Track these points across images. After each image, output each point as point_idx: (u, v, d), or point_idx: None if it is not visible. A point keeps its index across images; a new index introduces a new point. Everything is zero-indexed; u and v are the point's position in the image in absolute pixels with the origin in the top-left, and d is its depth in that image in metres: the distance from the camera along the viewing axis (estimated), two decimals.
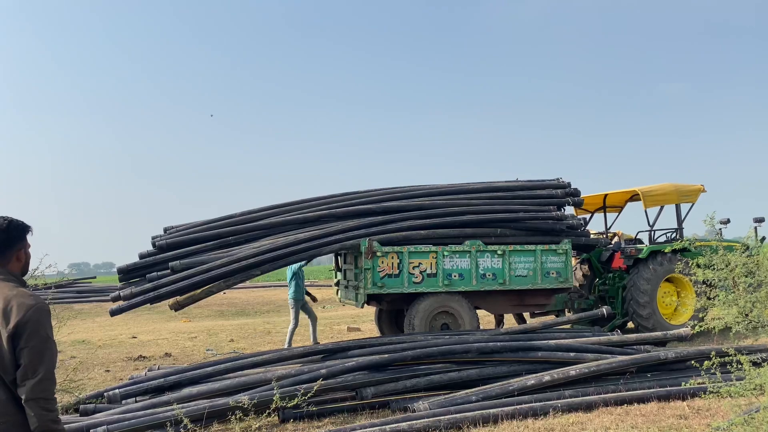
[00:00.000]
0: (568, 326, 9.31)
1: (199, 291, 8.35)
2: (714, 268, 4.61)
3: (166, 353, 10.89)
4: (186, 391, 6.45)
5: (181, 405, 5.74)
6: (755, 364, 4.29)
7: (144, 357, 10.48)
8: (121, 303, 8.36)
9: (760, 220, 10.33)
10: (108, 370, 9.36)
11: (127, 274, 8.70)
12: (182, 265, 8.30)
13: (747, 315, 4.35)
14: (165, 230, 9.38)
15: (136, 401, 6.46)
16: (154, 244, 8.90)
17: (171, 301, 8.52)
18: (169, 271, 8.30)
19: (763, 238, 10.33)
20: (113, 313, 8.47)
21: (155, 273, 8.43)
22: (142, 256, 8.80)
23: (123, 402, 6.48)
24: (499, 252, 9.18)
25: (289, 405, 5.81)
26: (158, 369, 7.56)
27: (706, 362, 4.57)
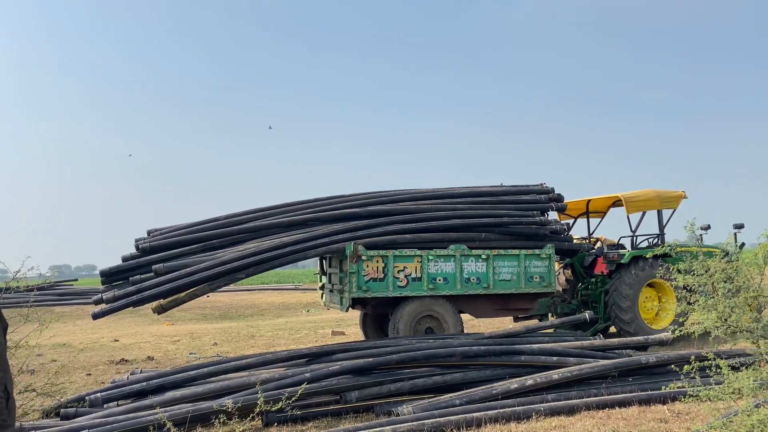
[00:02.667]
0: (551, 330, 9.37)
1: (182, 294, 8.31)
2: (694, 274, 4.68)
3: (149, 357, 10.81)
4: (169, 394, 6.41)
5: (164, 409, 5.71)
6: (734, 368, 4.37)
7: (126, 360, 10.40)
8: (103, 306, 8.30)
9: (739, 227, 10.48)
10: (89, 374, 9.28)
11: (110, 276, 8.64)
12: (166, 268, 8.26)
13: (726, 320, 4.42)
14: (148, 233, 9.33)
15: (118, 405, 6.42)
16: (137, 247, 8.84)
17: (154, 304, 8.47)
18: (152, 274, 8.26)
19: (743, 245, 10.48)
20: (95, 316, 8.41)
21: (138, 276, 8.38)
22: (125, 259, 8.74)
23: (105, 406, 6.43)
24: (483, 256, 9.23)
25: (273, 409, 5.80)
26: (141, 372, 7.51)
27: (686, 366, 4.64)
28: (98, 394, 6.54)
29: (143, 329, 16.18)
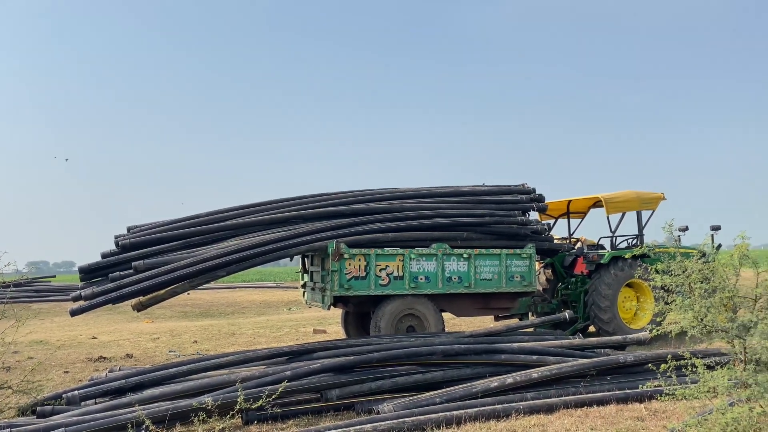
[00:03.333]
0: (531, 329, 9.45)
1: (162, 291, 8.26)
2: (671, 274, 4.75)
3: (128, 354, 10.71)
4: (148, 392, 6.36)
5: (142, 406, 5.66)
6: (709, 367, 4.44)
7: (105, 358, 10.29)
8: (82, 303, 8.21)
9: (716, 228, 10.64)
10: (67, 371, 9.17)
11: (89, 273, 8.56)
12: (146, 265, 8.19)
13: (702, 320, 4.49)
14: (128, 229, 9.24)
15: (96, 403, 6.35)
16: (117, 244, 8.76)
17: (134, 301, 8.40)
18: (132, 270, 8.18)
19: (719, 246, 10.64)
20: (74, 313, 8.31)
21: (118, 273, 8.31)
22: (104, 256, 8.65)
23: (82, 404, 6.37)
24: (465, 255, 9.28)
25: (253, 407, 5.77)
26: (119, 370, 7.44)
27: (663, 365, 4.71)
28: (75, 392, 6.47)
29: (122, 327, 16.02)
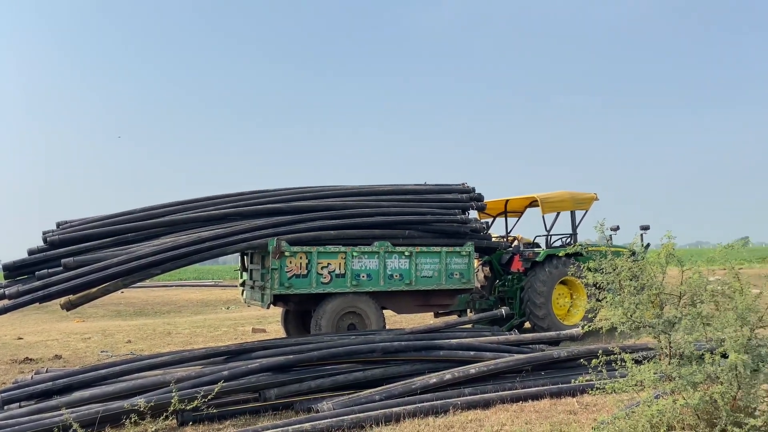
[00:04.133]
0: (469, 326, 9.60)
1: (94, 290, 7.95)
2: (603, 272, 4.92)
3: (56, 355, 10.28)
4: (77, 394, 6.11)
5: (71, 409, 5.45)
6: (637, 362, 4.62)
7: (31, 359, 9.84)
8: (6, 302, 7.82)
9: (645, 228, 11.08)
10: None
11: (14, 270, 8.15)
12: (76, 263, 7.88)
13: (631, 316, 4.67)
14: (58, 225, 8.86)
15: (20, 406, 6.07)
16: (45, 240, 8.39)
17: (63, 300, 8.06)
18: (61, 268, 7.85)
19: (648, 245, 11.10)
20: None
21: (46, 270, 7.95)
22: (31, 252, 8.26)
23: (5, 408, 6.07)
24: (406, 253, 9.34)
25: (188, 408, 5.64)
26: (46, 372, 7.11)
27: (594, 360, 4.87)
28: None
29: (50, 326, 15.35)
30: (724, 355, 4.18)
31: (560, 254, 11.01)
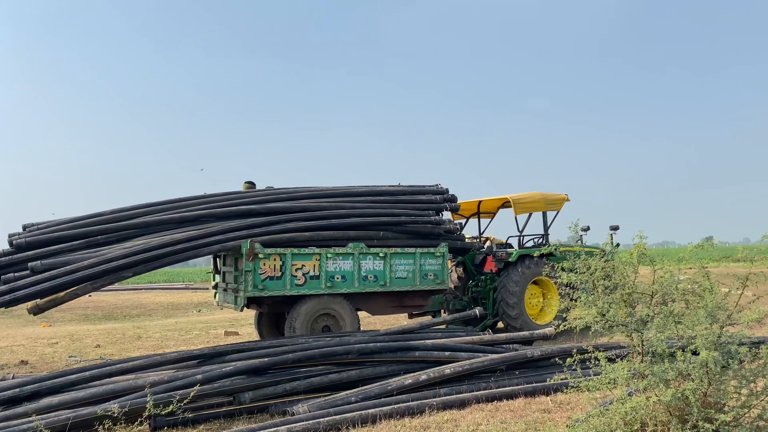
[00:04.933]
0: (443, 326, 9.64)
1: (62, 294, 7.77)
2: (577, 272, 4.98)
3: (22, 361, 10.03)
4: (45, 401, 5.97)
5: (40, 416, 5.32)
6: (610, 360, 4.68)
7: None
8: None
9: (615, 228, 11.27)
10: None
11: None
12: (44, 266, 7.69)
13: (604, 315, 4.74)
14: (24, 227, 8.65)
15: None
16: (11, 243, 8.17)
17: (30, 304, 7.86)
18: (28, 272, 7.66)
19: (617, 245, 11.29)
20: None
21: (12, 274, 7.75)
22: None
23: None
24: (381, 255, 9.34)
25: (162, 412, 5.56)
26: (12, 378, 6.93)
27: (568, 359, 4.93)
28: None
29: (16, 331, 14.96)
30: (695, 353, 4.27)
31: (533, 255, 11.14)
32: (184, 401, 5.66)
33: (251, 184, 10.52)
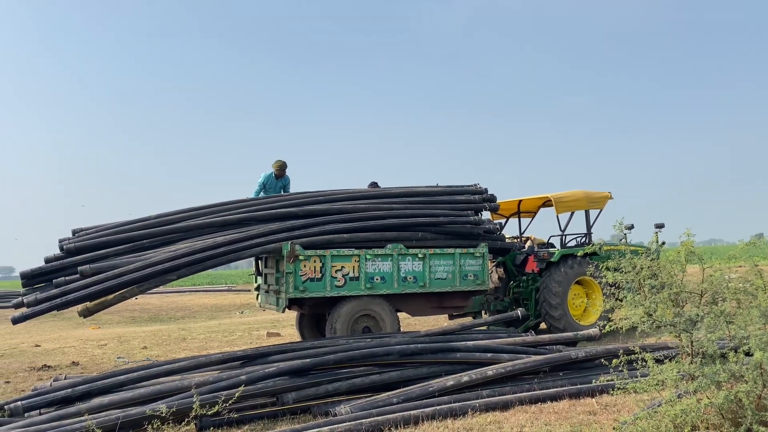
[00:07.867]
0: (484, 328, 9.56)
1: (111, 297, 8.00)
2: (622, 271, 4.88)
3: (74, 362, 10.34)
4: (96, 401, 6.13)
5: (91, 416, 5.47)
6: (658, 361, 4.57)
7: (49, 366, 9.90)
8: (24, 310, 7.89)
9: (660, 226, 11.00)
10: (8, 382, 8.78)
11: (32, 279, 8.23)
12: (93, 270, 7.94)
13: (651, 315, 4.62)
14: (74, 233, 8.93)
15: (40, 413, 6.09)
16: (61, 248, 8.45)
17: (80, 307, 8.11)
18: (77, 275, 7.91)
19: (663, 243, 11.02)
20: (16, 320, 7.98)
21: (63, 278, 8.02)
22: (48, 260, 8.33)
23: (26, 415, 6.10)
24: (419, 255, 9.32)
25: (209, 413, 5.65)
26: (65, 379, 7.15)
27: (614, 360, 4.82)
28: (18, 403, 6.18)
29: (67, 333, 15.45)
30: (748, 353, 4.13)
31: (576, 254, 10.95)
32: (229, 402, 5.73)
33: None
